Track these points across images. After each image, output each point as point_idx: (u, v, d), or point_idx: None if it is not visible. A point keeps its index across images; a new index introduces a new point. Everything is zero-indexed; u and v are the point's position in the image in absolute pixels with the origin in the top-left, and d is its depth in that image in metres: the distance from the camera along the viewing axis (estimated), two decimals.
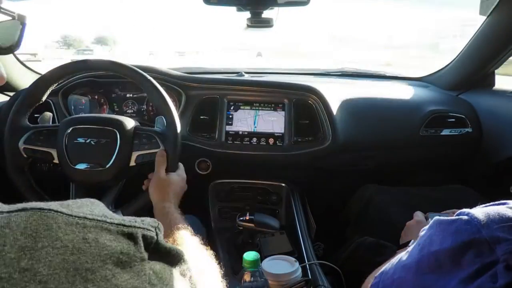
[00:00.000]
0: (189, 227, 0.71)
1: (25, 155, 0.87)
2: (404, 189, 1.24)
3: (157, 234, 0.34)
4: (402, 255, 0.52)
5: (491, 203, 0.45)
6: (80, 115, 0.98)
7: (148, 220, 0.34)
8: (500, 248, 0.38)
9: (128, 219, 0.32)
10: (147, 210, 0.84)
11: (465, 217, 0.43)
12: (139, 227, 0.32)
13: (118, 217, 0.32)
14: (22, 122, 0.88)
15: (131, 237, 0.31)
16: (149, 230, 0.33)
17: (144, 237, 0.32)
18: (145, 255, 0.32)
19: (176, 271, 0.37)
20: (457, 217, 0.44)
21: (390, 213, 1.12)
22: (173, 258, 0.37)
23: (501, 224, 0.40)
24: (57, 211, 0.29)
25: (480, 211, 0.42)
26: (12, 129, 0.86)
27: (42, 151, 0.87)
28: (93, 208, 0.32)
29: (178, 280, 0.36)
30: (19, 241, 0.26)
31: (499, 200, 0.45)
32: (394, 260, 0.53)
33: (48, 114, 0.98)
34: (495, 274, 0.37)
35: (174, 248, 0.37)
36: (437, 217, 0.48)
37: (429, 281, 0.44)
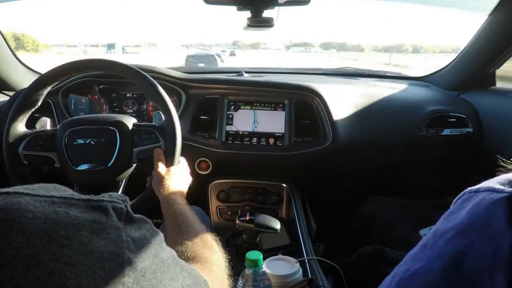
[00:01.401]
0: (195, 216, 0.72)
1: (25, 161, 0.86)
2: (407, 203, 1.26)
3: (126, 206, 0.35)
4: None
5: None
6: (78, 116, 0.97)
7: (115, 194, 0.36)
8: None
9: (96, 196, 0.34)
10: (153, 205, 0.84)
11: None
12: (108, 201, 0.33)
13: (85, 195, 0.33)
14: (21, 128, 0.87)
15: (101, 209, 0.32)
16: (117, 202, 0.34)
17: (114, 208, 0.33)
18: (120, 224, 0.33)
19: (158, 239, 0.37)
20: None
21: (395, 232, 1.14)
22: (150, 228, 0.38)
23: None
24: (22, 193, 0.30)
25: None
26: (10, 136, 0.85)
27: (43, 155, 0.86)
28: (60, 191, 0.33)
29: (161, 249, 0.37)
30: None
31: None
32: None
33: (45, 119, 0.97)
34: None
35: (144, 218, 0.38)
36: None
37: None
